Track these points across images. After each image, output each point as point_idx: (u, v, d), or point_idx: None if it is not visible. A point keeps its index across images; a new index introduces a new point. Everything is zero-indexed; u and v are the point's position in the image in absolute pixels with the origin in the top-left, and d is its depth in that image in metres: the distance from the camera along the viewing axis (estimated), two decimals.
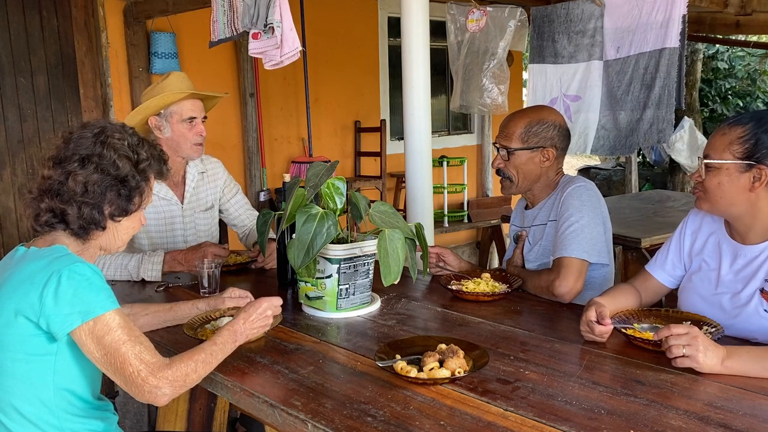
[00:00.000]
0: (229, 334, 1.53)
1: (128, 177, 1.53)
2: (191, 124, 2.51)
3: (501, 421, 1.28)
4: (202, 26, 3.46)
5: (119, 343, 1.36)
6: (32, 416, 1.43)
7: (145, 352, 1.38)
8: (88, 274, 1.39)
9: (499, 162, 2.23)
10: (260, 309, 1.60)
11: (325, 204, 1.89)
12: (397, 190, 5.97)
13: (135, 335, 1.39)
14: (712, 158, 1.65)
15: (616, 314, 1.75)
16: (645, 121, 3.55)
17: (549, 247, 2.17)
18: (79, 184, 1.47)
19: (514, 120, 2.21)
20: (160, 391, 1.36)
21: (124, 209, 1.54)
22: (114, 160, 1.50)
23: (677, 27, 3.38)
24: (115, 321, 1.38)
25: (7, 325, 1.39)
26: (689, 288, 1.81)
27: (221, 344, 1.50)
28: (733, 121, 1.65)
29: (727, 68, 10.11)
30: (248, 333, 1.58)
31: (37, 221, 1.50)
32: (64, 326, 1.36)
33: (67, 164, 1.48)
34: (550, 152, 2.18)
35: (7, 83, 4.13)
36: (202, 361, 1.44)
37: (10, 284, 1.41)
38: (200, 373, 1.44)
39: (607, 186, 9.36)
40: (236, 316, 1.59)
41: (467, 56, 4.19)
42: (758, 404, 1.33)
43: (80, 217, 1.48)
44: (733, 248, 1.73)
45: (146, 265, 2.37)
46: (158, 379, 1.36)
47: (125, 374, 1.36)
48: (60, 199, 1.48)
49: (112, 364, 1.37)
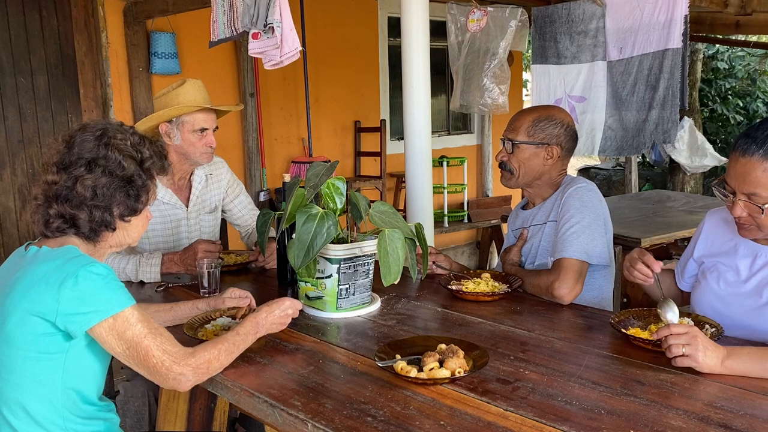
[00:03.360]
0: (252, 325, 1.60)
1: (134, 177, 1.54)
2: (202, 134, 2.50)
3: (501, 421, 1.28)
4: (202, 26, 3.46)
5: (141, 336, 1.41)
6: (38, 415, 1.45)
7: (167, 342, 1.43)
8: (104, 273, 1.42)
9: (503, 155, 2.22)
10: (283, 306, 1.67)
11: (325, 204, 1.89)
12: (397, 190, 5.97)
13: (154, 327, 1.44)
14: (767, 198, 1.55)
15: (620, 316, 1.75)
16: (650, 121, 3.56)
17: (548, 248, 2.16)
18: (88, 188, 1.48)
19: (522, 114, 2.22)
20: (184, 377, 1.42)
21: (133, 209, 1.56)
22: (120, 161, 1.51)
23: (679, 27, 3.38)
24: (134, 316, 1.42)
25: (19, 323, 1.41)
26: (705, 287, 1.79)
27: (243, 335, 1.57)
28: (765, 151, 1.54)
29: (727, 68, 10.11)
30: (268, 326, 1.64)
31: (48, 227, 1.50)
32: (83, 324, 1.39)
33: (74, 169, 1.49)
34: (555, 150, 2.17)
35: (7, 83, 4.13)
36: (225, 350, 1.49)
37: (23, 284, 1.42)
38: (222, 362, 1.49)
39: (607, 186, 9.36)
40: (259, 309, 1.65)
41: (468, 56, 4.19)
42: (758, 404, 1.33)
43: (91, 220, 1.50)
44: (752, 249, 1.71)
45: (144, 268, 2.37)
46: (182, 367, 1.41)
47: (149, 365, 1.41)
48: (70, 204, 1.48)
49: (134, 357, 1.41)
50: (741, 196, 1.60)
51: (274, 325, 1.66)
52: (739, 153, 1.58)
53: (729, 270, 1.75)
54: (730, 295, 1.72)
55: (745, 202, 1.60)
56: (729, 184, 1.63)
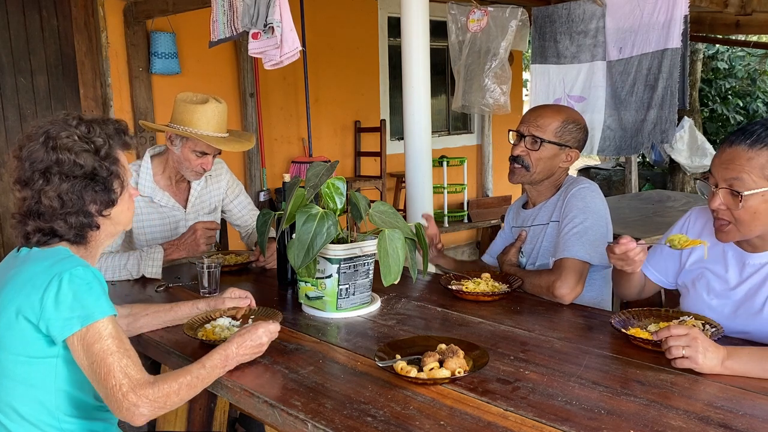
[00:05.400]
0: (221, 358, 1.47)
1: (96, 169, 1.46)
2: (201, 156, 2.51)
3: (501, 421, 1.28)
4: (202, 26, 3.46)
5: (107, 353, 1.33)
6: (32, 417, 1.43)
7: (131, 366, 1.34)
8: (89, 278, 1.38)
9: (522, 149, 2.17)
10: (255, 335, 1.53)
11: (325, 204, 1.89)
12: (397, 190, 5.97)
13: (125, 348, 1.36)
14: (748, 186, 1.54)
15: (617, 315, 1.75)
16: (649, 121, 3.57)
17: (550, 249, 2.16)
18: (54, 198, 1.42)
19: (549, 112, 2.19)
20: (138, 410, 1.31)
21: (109, 200, 1.50)
22: (74, 161, 1.43)
23: (679, 27, 3.38)
24: (107, 329, 1.35)
25: (8, 326, 1.39)
26: (694, 295, 1.78)
27: (210, 368, 1.45)
28: (753, 141, 1.54)
29: (727, 68, 10.12)
30: (240, 358, 1.52)
31: (29, 241, 1.47)
32: (63, 331, 1.35)
33: (33, 184, 1.43)
34: (574, 153, 2.18)
35: (7, 83, 4.13)
36: (186, 384, 1.39)
37: (12, 285, 1.41)
38: (183, 396, 1.38)
39: (607, 186, 9.36)
40: (230, 340, 1.51)
41: (469, 56, 4.19)
42: (758, 404, 1.33)
43: (70, 227, 1.45)
44: (739, 256, 1.70)
45: (146, 262, 2.38)
46: (138, 397, 1.31)
47: (107, 386, 1.32)
48: (43, 218, 1.44)
49: (96, 374, 1.33)
50: (722, 184, 1.59)
51: (246, 356, 1.52)
52: (727, 144, 1.61)
53: (716, 278, 1.73)
54: (722, 304, 1.71)
55: (725, 192, 1.59)
56: (713, 174, 1.63)
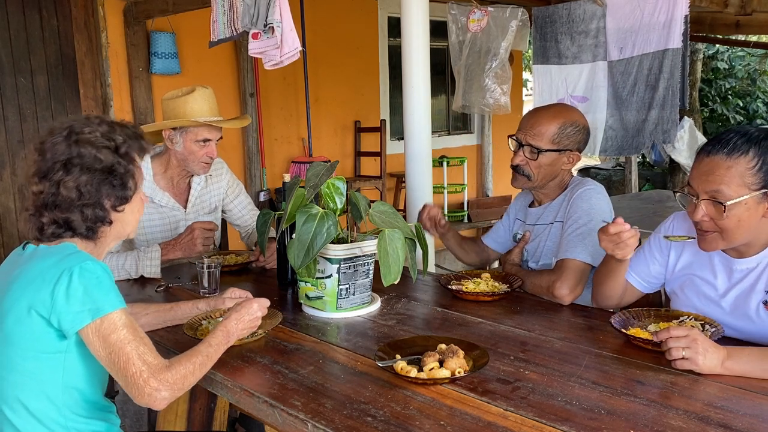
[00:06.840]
0: (223, 335, 1.56)
1: (114, 165, 1.52)
2: (204, 144, 2.51)
3: (501, 421, 1.28)
4: (202, 26, 3.46)
5: (124, 342, 1.38)
6: (38, 413, 1.44)
7: (148, 353, 1.39)
8: (99, 272, 1.41)
9: (521, 159, 2.15)
10: (251, 309, 1.64)
11: (325, 204, 1.89)
12: (397, 190, 5.97)
13: (139, 336, 1.41)
14: (730, 196, 1.52)
15: (617, 315, 1.75)
16: (650, 121, 3.57)
17: (553, 248, 2.16)
18: (72, 189, 1.47)
19: (545, 118, 2.13)
20: (159, 394, 1.37)
21: (123, 197, 1.55)
22: (95, 155, 1.50)
23: (679, 28, 3.39)
24: (121, 320, 1.39)
25: (18, 321, 1.41)
26: (684, 301, 1.77)
27: (216, 345, 1.52)
28: (730, 149, 1.53)
29: (727, 68, 10.12)
30: (239, 333, 1.61)
31: (42, 234, 1.50)
32: (75, 324, 1.38)
33: (53, 175, 1.48)
34: (575, 156, 2.15)
35: (7, 83, 4.13)
36: (199, 364, 1.45)
37: (21, 281, 1.43)
38: (197, 375, 1.45)
39: (607, 186, 9.27)
40: (227, 317, 1.61)
41: (469, 56, 4.19)
42: (758, 404, 1.33)
43: (85, 219, 1.49)
44: (726, 262, 1.69)
45: (144, 262, 2.38)
46: (159, 382, 1.36)
47: (128, 374, 1.37)
48: (60, 209, 1.48)
49: (116, 363, 1.38)
50: (704, 195, 1.57)
51: (245, 330, 1.63)
52: (704, 154, 1.58)
53: (705, 284, 1.72)
54: (712, 310, 1.70)
55: (707, 203, 1.56)
56: (692, 185, 1.60)
